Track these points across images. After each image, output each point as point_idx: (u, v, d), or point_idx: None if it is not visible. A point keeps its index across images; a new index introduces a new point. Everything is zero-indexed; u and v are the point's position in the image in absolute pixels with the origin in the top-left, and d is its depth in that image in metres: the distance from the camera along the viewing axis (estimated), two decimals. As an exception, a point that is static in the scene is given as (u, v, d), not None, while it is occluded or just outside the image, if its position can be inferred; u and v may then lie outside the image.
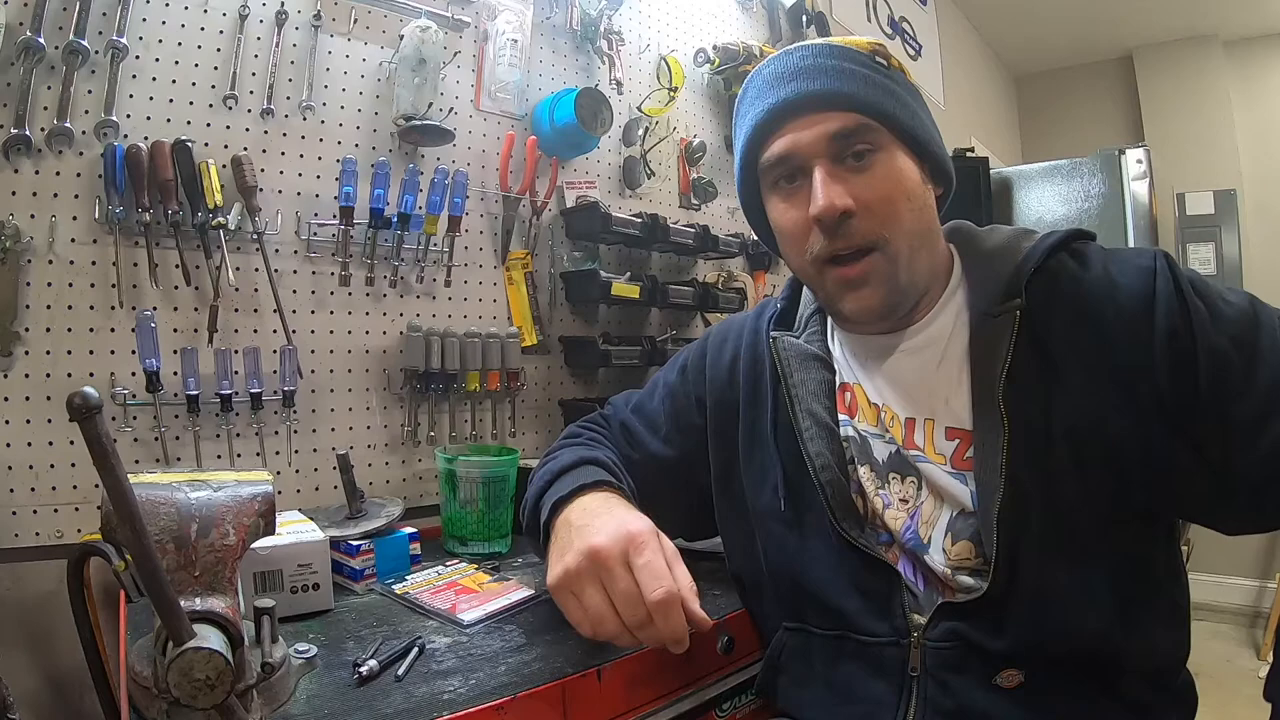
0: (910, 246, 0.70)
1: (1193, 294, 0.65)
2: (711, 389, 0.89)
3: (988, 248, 0.75)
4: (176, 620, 0.48)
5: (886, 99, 0.70)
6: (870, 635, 0.71)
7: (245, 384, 1.07)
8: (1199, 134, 3.53)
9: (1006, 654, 0.66)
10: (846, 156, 0.69)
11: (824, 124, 0.69)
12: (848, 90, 0.69)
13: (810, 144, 0.69)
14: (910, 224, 0.70)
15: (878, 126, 0.69)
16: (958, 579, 0.69)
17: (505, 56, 1.40)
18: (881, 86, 0.70)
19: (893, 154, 0.70)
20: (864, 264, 0.70)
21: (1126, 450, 0.65)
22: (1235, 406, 0.62)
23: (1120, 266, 0.68)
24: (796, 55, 0.72)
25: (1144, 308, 0.65)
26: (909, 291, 0.72)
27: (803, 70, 0.70)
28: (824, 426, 0.77)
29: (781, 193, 0.74)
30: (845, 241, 0.69)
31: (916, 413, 0.73)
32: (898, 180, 0.70)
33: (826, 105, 0.69)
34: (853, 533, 0.73)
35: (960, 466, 0.70)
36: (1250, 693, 0.56)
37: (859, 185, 0.69)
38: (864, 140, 0.69)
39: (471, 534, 1.09)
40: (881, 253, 0.69)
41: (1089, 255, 0.71)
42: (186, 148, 1.01)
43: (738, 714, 0.87)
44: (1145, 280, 0.66)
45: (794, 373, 0.79)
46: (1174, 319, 0.64)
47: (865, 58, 0.71)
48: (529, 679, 0.68)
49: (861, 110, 0.69)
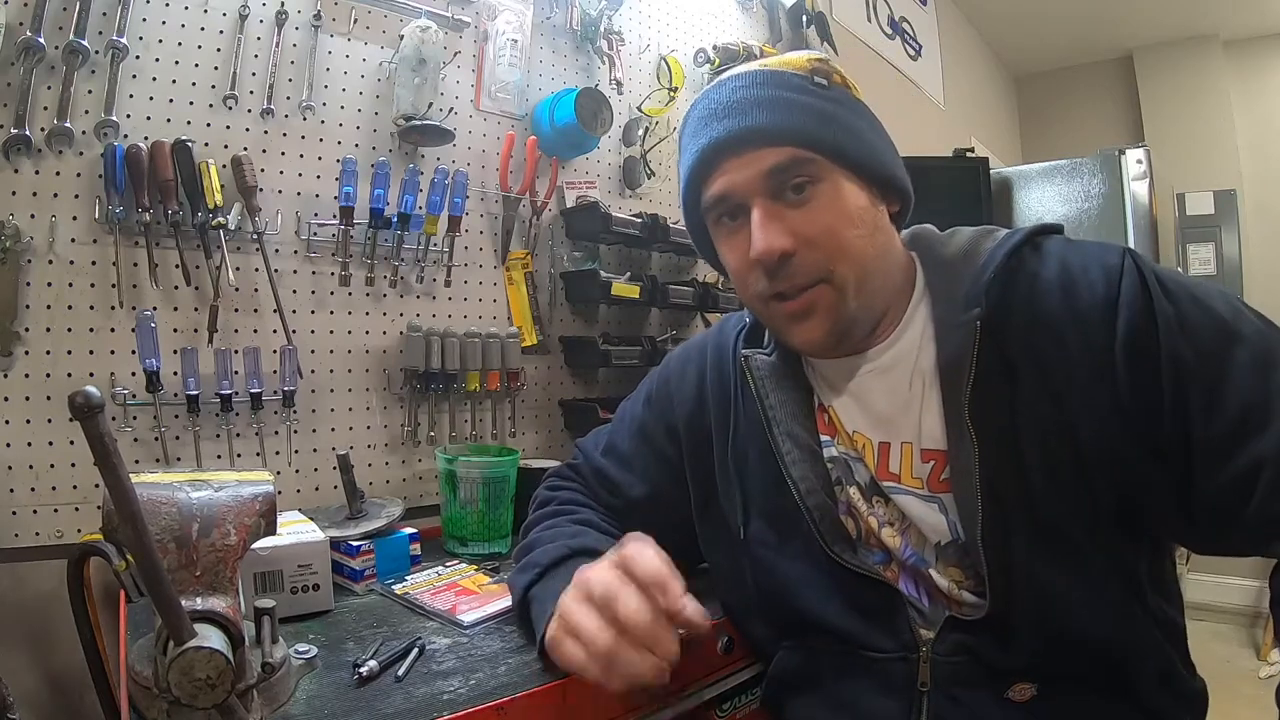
0: (859, 274, 0.68)
1: (1161, 295, 0.62)
2: (681, 415, 0.86)
3: (948, 254, 0.72)
4: (177, 620, 0.48)
5: (823, 126, 0.67)
6: (877, 651, 0.69)
7: (245, 384, 1.07)
8: (1199, 134, 3.53)
9: (1017, 668, 0.65)
10: (785, 191, 0.67)
11: (757, 162, 0.67)
12: (779, 124, 0.66)
13: (746, 183, 0.67)
14: (858, 251, 0.68)
15: (814, 157, 0.66)
16: (962, 595, 0.67)
17: (505, 56, 1.40)
18: (818, 113, 0.67)
19: (834, 182, 0.67)
20: (808, 296, 0.68)
21: (1095, 459, 0.62)
22: (1201, 424, 0.60)
23: (1083, 264, 0.65)
24: (728, 88, 0.69)
25: (1105, 309, 0.62)
26: (860, 318, 0.70)
27: (734, 105, 0.68)
28: (806, 449, 0.74)
29: (725, 230, 0.72)
30: (788, 281, 0.68)
31: (890, 436, 0.71)
32: (841, 209, 0.67)
33: (759, 141, 0.67)
34: (844, 555, 0.71)
35: (937, 489, 0.68)
36: (1250, 693, 0.56)
37: (799, 220, 0.67)
38: (800, 173, 0.66)
39: (471, 534, 1.09)
40: (828, 284, 0.68)
41: (1047, 251, 0.68)
42: (186, 148, 1.01)
43: (737, 714, 0.87)
44: (1109, 280, 0.63)
45: (770, 393, 0.76)
46: (1137, 322, 0.61)
47: (802, 81, 0.68)
48: (529, 679, 0.68)
49: (795, 143, 0.66)
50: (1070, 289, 0.64)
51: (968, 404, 0.64)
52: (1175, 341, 0.60)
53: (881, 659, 0.69)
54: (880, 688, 0.69)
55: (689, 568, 0.94)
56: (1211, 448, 0.60)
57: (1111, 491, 0.63)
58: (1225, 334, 0.61)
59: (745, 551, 0.78)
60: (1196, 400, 0.60)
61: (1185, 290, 0.63)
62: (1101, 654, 0.64)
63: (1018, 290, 0.66)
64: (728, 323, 0.88)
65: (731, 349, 0.82)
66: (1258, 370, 0.60)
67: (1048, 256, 0.67)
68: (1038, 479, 0.63)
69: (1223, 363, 0.60)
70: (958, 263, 0.71)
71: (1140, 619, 0.65)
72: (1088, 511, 0.63)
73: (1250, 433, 0.59)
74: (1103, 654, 0.64)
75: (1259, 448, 0.58)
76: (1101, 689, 0.65)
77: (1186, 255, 3.43)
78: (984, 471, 0.63)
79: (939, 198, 0.78)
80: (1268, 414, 0.59)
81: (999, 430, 0.64)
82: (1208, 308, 0.62)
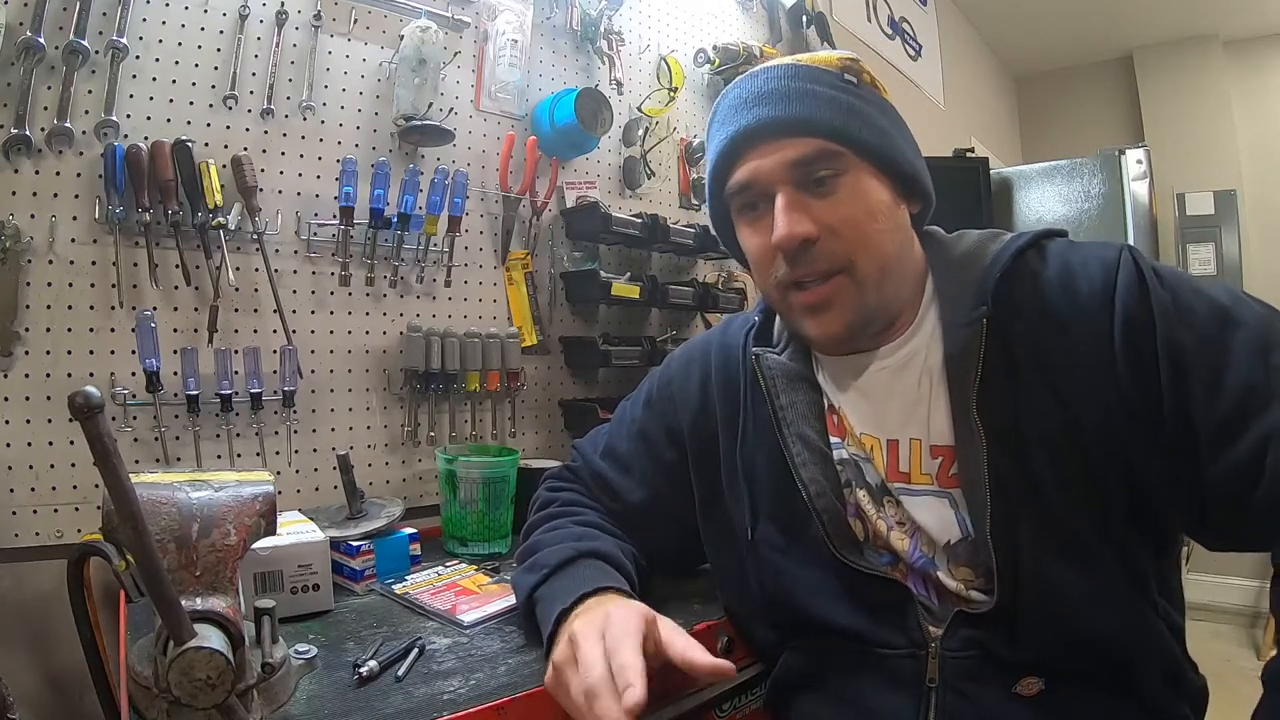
0: (880, 268, 0.69)
1: (1157, 285, 0.62)
2: (684, 417, 0.85)
3: (956, 256, 0.73)
4: (177, 620, 0.48)
5: (851, 121, 0.68)
6: (886, 648, 0.70)
7: (245, 384, 1.07)
8: (1199, 134, 3.53)
9: (1025, 662, 0.65)
10: (810, 182, 0.68)
11: (784, 151, 0.68)
12: (809, 115, 0.67)
13: (771, 171, 0.68)
14: (879, 246, 0.69)
15: (841, 150, 0.67)
16: (970, 594, 0.68)
17: (505, 56, 1.40)
18: (847, 107, 0.68)
19: (858, 177, 0.68)
20: (828, 287, 0.69)
21: (1101, 453, 0.63)
22: (1203, 409, 0.60)
23: (1083, 260, 0.66)
24: (761, 78, 0.71)
25: (1103, 301, 0.63)
26: (877, 314, 0.71)
27: (766, 95, 0.69)
28: (816, 451, 0.74)
29: (747, 218, 0.73)
30: (809, 268, 0.69)
31: (900, 433, 0.71)
32: (864, 203, 0.68)
33: (787, 131, 0.68)
34: (851, 558, 0.71)
35: (947, 485, 0.69)
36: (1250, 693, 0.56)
37: (823, 210, 0.68)
38: (826, 166, 0.67)
39: (471, 534, 1.09)
40: (848, 275, 0.68)
41: (1050, 252, 0.69)
42: (186, 148, 1.01)
43: (737, 714, 0.87)
44: (1106, 273, 0.64)
45: (781, 394, 0.76)
46: (1133, 310, 0.62)
47: (833, 77, 0.70)
48: (529, 679, 0.68)
49: (823, 135, 0.67)
50: (1069, 284, 0.65)
51: (975, 401, 0.64)
52: (1173, 328, 0.61)
53: (890, 656, 0.69)
54: (888, 685, 0.69)
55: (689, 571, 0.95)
56: (1214, 432, 0.60)
57: (1120, 486, 0.63)
58: (1224, 319, 0.61)
59: (752, 554, 0.78)
60: (1197, 386, 0.60)
61: (1183, 281, 0.64)
62: (1108, 650, 0.65)
63: (1023, 289, 0.67)
64: (732, 323, 0.87)
65: (740, 349, 0.82)
66: (1258, 352, 0.60)
67: (1051, 257, 0.68)
68: (1045, 474, 0.64)
69: (1222, 346, 0.60)
70: (965, 264, 0.72)
71: (1147, 616, 0.65)
72: (1096, 507, 0.63)
73: (1253, 414, 0.58)
74: (1109, 650, 0.65)
75: (1264, 427, 0.58)
76: (1109, 684, 0.65)
77: (1186, 255, 3.43)
78: (991, 467, 0.64)
79: (939, 198, 0.78)
80: (1270, 394, 0.58)
81: (1006, 426, 0.64)
82: (1205, 295, 0.63)
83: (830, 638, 0.73)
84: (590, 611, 0.66)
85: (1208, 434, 0.60)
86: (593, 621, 0.63)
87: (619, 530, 0.86)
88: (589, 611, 0.66)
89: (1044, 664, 0.65)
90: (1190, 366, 0.60)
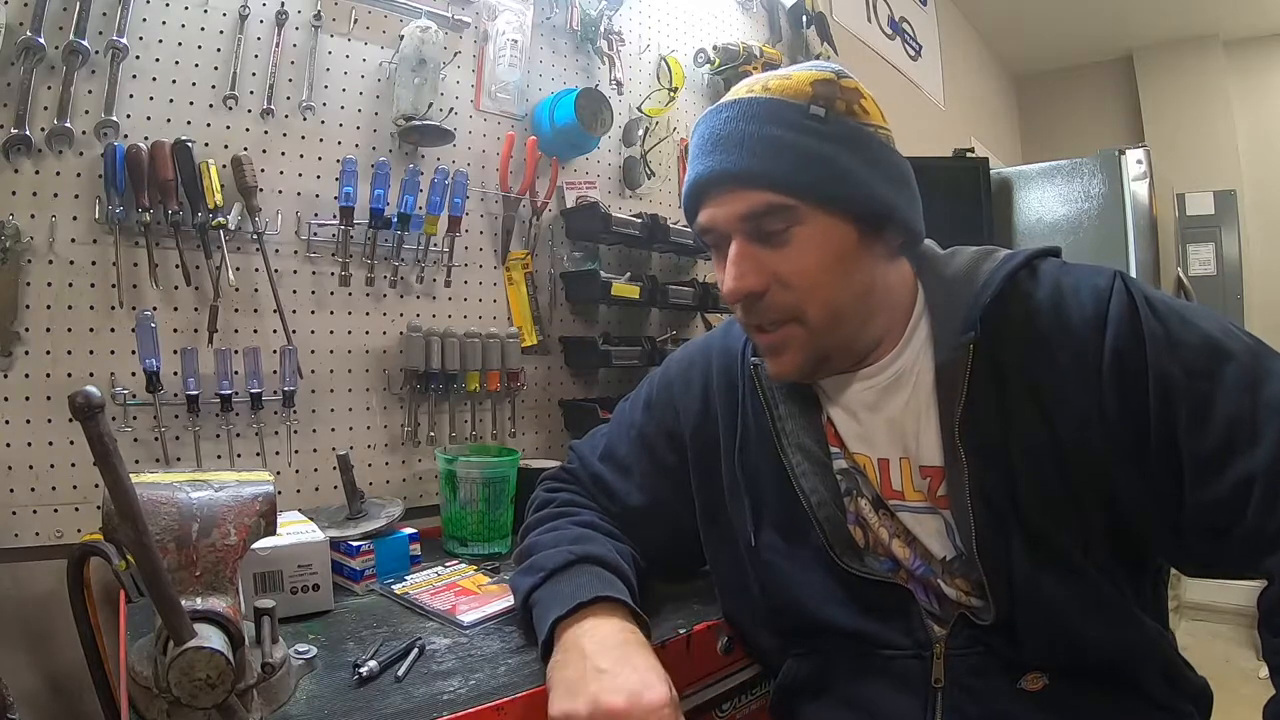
0: (832, 316, 0.68)
1: (1150, 315, 0.62)
2: (685, 422, 0.85)
3: (948, 275, 0.73)
4: (177, 619, 0.48)
5: (806, 171, 0.65)
6: (891, 649, 0.70)
7: (245, 384, 1.07)
8: (1199, 134, 3.54)
9: (1028, 662, 0.66)
10: (762, 234, 0.67)
11: (734, 204, 0.67)
12: (758, 169, 0.65)
13: (726, 221, 0.68)
14: (830, 295, 0.68)
15: (791, 204, 0.65)
16: (970, 601, 0.69)
17: (505, 57, 1.40)
18: (804, 154, 0.65)
19: (814, 227, 0.66)
20: (780, 333, 0.70)
21: (1083, 475, 0.63)
22: (1189, 441, 0.60)
23: (1074, 285, 0.66)
24: (721, 117, 0.68)
25: (1094, 329, 0.63)
26: (835, 353, 0.71)
27: (721, 140, 0.67)
28: (816, 461, 0.74)
29: (716, 254, 0.73)
30: (759, 317, 0.70)
31: (891, 452, 0.72)
32: (817, 254, 0.67)
33: (737, 183, 0.66)
34: (853, 564, 0.71)
35: (938, 504, 0.69)
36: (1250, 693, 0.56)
37: (775, 260, 0.67)
38: (777, 219, 0.66)
39: (471, 535, 1.09)
40: (799, 323, 0.68)
41: (1043, 273, 0.69)
42: (186, 148, 1.01)
43: (738, 714, 0.87)
44: (1098, 301, 0.64)
45: (780, 404, 0.76)
46: (1124, 341, 0.62)
47: (797, 112, 0.65)
48: (529, 679, 0.68)
49: (773, 189, 0.65)
50: (1061, 308, 0.65)
51: (958, 424, 0.65)
52: (1163, 359, 0.61)
53: (896, 657, 0.70)
54: (895, 686, 0.70)
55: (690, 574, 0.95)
56: (1200, 464, 0.60)
57: (1100, 509, 0.64)
58: (1214, 352, 0.61)
59: (755, 560, 0.77)
60: (1185, 417, 0.60)
61: (1174, 311, 0.64)
62: (1106, 655, 0.66)
63: (1013, 312, 0.67)
64: (733, 327, 0.86)
65: (740, 355, 0.81)
66: (1246, 387, 0.60)
67: (1043, 278, 0.68)
68: (1030, 495, 0.64)
69: (1211, 380, 0.60)
70: (958, 283, 0.71)
71: (1139, 624, 0.66)
72: (1077, 527, 0.64)
73: (1239, 449, 0.59)
74: (1107, 655, 0.66)
75: (1249, 464, 0.58)
76: (1112, 681, 0.66)
77: (1186, 255, 3.43)
78: (974, 488, 0.64)
79: (939, 198, 0.78)
80: (1256, 429, 0.59)
81: (991, 448, 0.65)
82: (1197, 327, 0.63)
83: (834, 641, 0.73)
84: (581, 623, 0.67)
85: (1192, 466, 0.61)
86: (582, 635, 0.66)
87: (618, 530, 0.86)
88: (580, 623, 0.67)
89: (1046, 663, 0.66)
90: (1179, 398, 0.60)
